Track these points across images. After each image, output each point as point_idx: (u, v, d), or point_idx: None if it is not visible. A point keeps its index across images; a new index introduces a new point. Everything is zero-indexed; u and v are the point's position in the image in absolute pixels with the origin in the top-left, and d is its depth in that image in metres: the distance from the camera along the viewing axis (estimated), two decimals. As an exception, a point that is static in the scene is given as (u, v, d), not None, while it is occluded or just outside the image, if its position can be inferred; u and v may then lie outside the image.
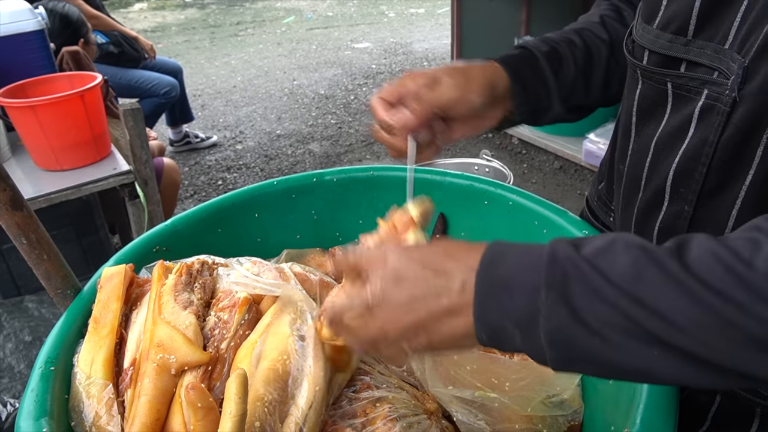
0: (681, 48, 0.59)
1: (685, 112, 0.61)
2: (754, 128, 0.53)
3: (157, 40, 6.80)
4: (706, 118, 0.58)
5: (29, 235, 0.77)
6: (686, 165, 0.61)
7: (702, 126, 0.58)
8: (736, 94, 0.54)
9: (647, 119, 0.67)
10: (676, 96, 0.62)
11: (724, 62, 0.55)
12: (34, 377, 0.70)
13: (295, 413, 0.67)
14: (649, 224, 0.69)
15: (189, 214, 1.00)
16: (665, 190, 0.65)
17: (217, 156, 3.90)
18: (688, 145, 0.60)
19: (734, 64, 0.54)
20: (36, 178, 1.75)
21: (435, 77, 0.71)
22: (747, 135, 0.54)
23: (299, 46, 6.43)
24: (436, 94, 0.71)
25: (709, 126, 0.57)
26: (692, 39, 0.58)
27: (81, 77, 1.83)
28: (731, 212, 0.58)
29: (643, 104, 0.68)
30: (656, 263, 0.41)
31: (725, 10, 0.55)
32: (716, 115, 0.56)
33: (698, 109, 0.59)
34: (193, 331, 0.72)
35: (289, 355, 0.70)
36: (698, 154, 0.59)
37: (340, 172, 1.10)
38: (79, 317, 0.80)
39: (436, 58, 5.69)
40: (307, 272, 0.82)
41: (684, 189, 0.62)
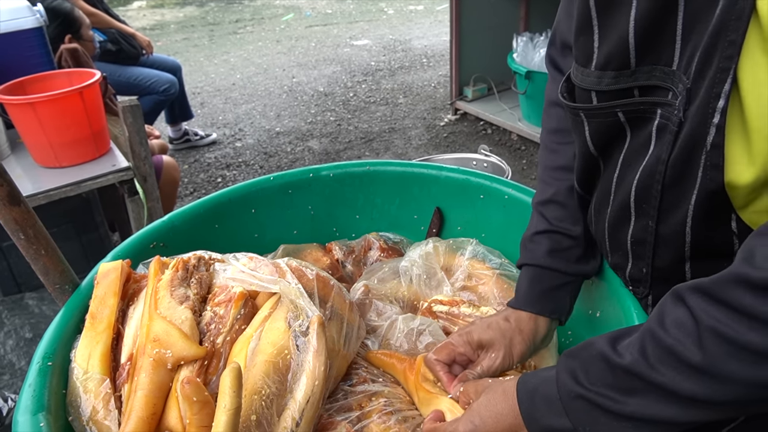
0: (628, 79, 0.61)
1: (646, 130, 0.63)
2: (694, 148, 0.56)
3: (156, 38, 6.79)
4: (661, 136, 0.61)
5: (27, 231, 0.77)
6: (645, 182, 0.63)
7: (659, 144, 0.61)
8: (681, 114, 0.56)
9: (609, 147, 0.69)
10: (632, 120, 0.64)
11: (675, 83, 0.58)
12: (31, 372, 0.71)
13: (293, 407, 0.68)
14: (621, 238, 0.71)
15: (186, 210, 1.00)
16: (630, 206, 0.67)
17: (216, 153, 3.90)
18: (646, 163, 0.63)
19: (681, 84, 0.57)
20: (35, 175, 1.75)
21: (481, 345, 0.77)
22: (690, 154, 0.56)
23: (298, 44, 6.42)
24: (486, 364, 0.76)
25: (663, 144, 0.60)
26: (637, 68, 0.60)
27: (80, 74, 1.83)
28: (685, 229, 0.61)
29: (599, 140, 0.69)
30: (635, 377, 0.51)
31: (661, 37, 0.57)
32: (668, 134, 0.59)
33: (655, 128, 0.61)
34: (189, 325, 0.72)
35: (289, 350, 0.70)
36: (654, 171, 0.62)
37: (337, 168, 1.10)
38: (77, 313, 0.80)
39: (435, 54, 5.67)
40: (304, 267, 0.82)
41: (645, 205, 0.64)
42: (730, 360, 0.45)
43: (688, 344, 0.48)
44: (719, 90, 0.51)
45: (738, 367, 0.45)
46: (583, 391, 0.54)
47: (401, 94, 4.71)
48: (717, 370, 0.46)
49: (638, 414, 0.51)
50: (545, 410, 0.57)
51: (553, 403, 0.57)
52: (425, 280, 0.95)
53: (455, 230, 1.09)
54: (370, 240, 1.10)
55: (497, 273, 0.96)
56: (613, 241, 0.73)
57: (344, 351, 0.79)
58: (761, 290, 0.44)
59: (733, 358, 0.45)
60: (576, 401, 0.55)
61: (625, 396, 0.52)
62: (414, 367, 0.77)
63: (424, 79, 5.01)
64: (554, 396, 0.57)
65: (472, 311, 0.88)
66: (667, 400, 0.50)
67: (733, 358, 0.45)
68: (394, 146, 3.83)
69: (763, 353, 0.44)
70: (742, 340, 0.44)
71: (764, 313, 0.44)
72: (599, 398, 0.53)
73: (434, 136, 3.92)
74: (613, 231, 0.72)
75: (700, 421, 0.50)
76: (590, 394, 0.54)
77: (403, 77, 5.10)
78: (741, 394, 0.46)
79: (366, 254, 1.09)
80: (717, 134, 0.53)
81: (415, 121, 4.18)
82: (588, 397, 0.54)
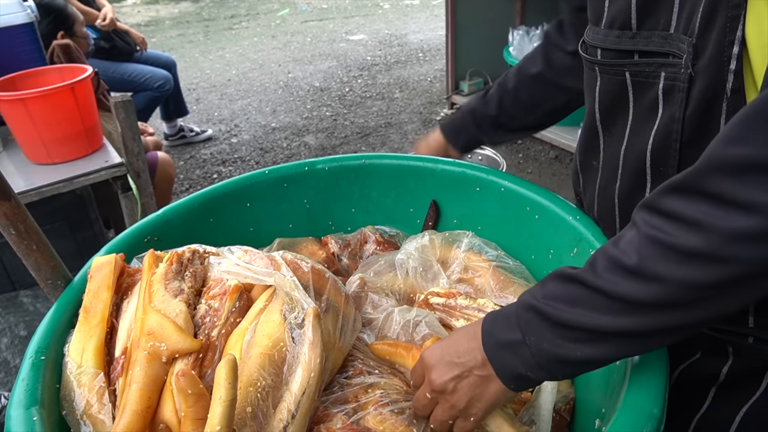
0: (629, 41, 0.66)
1: (649, 96, 0.67)
2: (713, 99, 0.59)
3: (151, 35, 6.75)
4: (669, 97, 0.64)
5: (18, 226, 0.76)
6: (660, 143, 0.67)
7: (668, 105, 0.64)
8: (690, 70, 0.60)
9: (613, 112, 0.74)
10: (636, 84, 0.68)
11: (674, 45, 0.61)
12: (24, 367, 0.70)
13: (288, 399, 0.67)
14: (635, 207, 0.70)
15: (180, 204, 1.00)
16: (646, 172, 0.69)
17: (212, 150, 3.89)
18: (659, 126, 0.66)
19: (683, 44, 0.60)
20: (27, 171, 1.74)
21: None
22: (708, 106, 0.59)
23: (294, 39, 6.40)
24: None
25: (674, 104, 0.63)
26: (637, 32, 0.65)
27: (71, 70, 1.82)
28: None
29: (605, 100, 0.75)
30: (581, 284, 0.56)
31: (660, 3, 0.62)
32: (677, 92, 0.62)
33: (661, 90, 0.65)
34: (184, 318, 0.71)
35: (285, 342, 0.70)
36: (669, 131, 0.65)
37: (332, 161, 1.10)
38: (70, 307, 0.79)
39: (431, 49, 5.66)
40: (299, 260, 0.82)
41: (663, 167, 0.67)
42: (659, 260, 0.49)
43: (629, 252, 0.52)
44: (732, 38, 0.55)
45: (665, 267, 0.49)
46: (534, 302, 0.59)
47: (397, 88, 4.70)
48: (648, 270, 0.50)
49: (574, 321, 0.55)
50: (502, 326, 0.62)
51: (510, 318, 0.61)
52: (421, 272, 0.95)
53: (451, 223, 1.08)
54: (366, 233, 1.09)
55: (493, 265, 0.96)
56: (624, 214, 0.76)
57: (340, 343, 0.79)
58: (686, 193, 0.49)
59: (661, 258, 0.49)
60: (527, 312, 0.59)
61: (568, 306, 0.56)
62: (417, 354, 0.77)
63: (420, 74, 4.99)
64: (512, 312, 0.62)
65: (469, 303, 0.88)
66: (603, 305, 0.53)
67: (661, 258, 0.49)
68: (390, 141, 3.82)
69: (689, 253, 0.48)
70: (669, 242, 0.49)
71: (689, 216, 0.48)
72: (547, 308, 0.57)
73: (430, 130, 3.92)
74: (624, 204, 0.75)
75: (629, 334, 0.53)
76: (540, 304, 0.58)
77: (399, 72, 5.08)
78: (667, 294, 0.50)
79: (362, 248, 1.09)
80: (735, 80, 0.56)
81: (411, 115, 4.17)
82: (538, 307, 0.58)
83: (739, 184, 0.45)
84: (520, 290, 0.91)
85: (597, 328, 0.54)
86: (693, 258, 0.48)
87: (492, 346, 0.62)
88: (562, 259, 0.89)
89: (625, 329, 0.53)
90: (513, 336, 0.60)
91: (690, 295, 0.49)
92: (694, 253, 0.47)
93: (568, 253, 0.87)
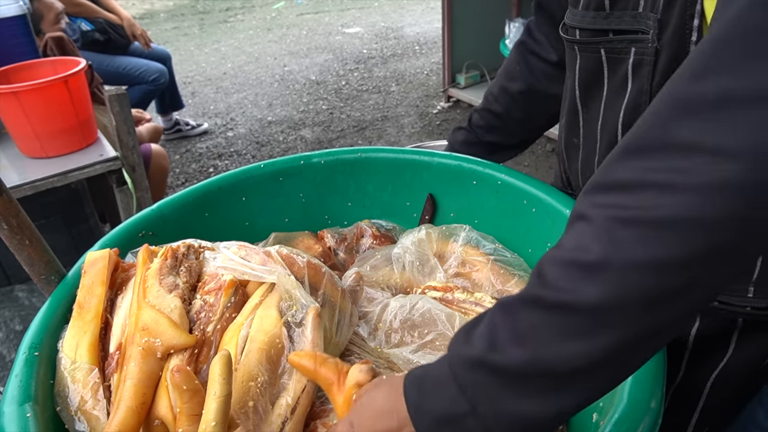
0: (603, 21, 0.70)
1: (620, 72, 0.71)
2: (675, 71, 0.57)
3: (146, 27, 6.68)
4: (638, 72, 0.68)
5: (10, 220, 0.75)
6: (630, 116, 0.70)
7: (637, 79, 0.69)
8: (656, 44, 0.64)
9: (591, 89, 0.78)
10: (610, 60, 0.72)
11: (642, 22, 0.66)
12: (18, 363, 0.70)
13: (288, 395, 0.67)
14: None
15: (175, 198, 0.99)
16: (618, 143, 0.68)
17: (208, 143, 3.87)
18: (628, 99, 0.70)
19: (650, 21, 0.64)
20: (21, 165, 1.72)
21: None
22: None
23: (290, 32, 6.36)
24: None
25: (641, 78, 0.68)
26: (610, 12, 0.69)
27: (65, 62, 1.80)
28: None
29: (584, 75, 0.79)
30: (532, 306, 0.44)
31: None
32: (645, 66, 0.67)
33: (630, 65, 0.69)
34: (179, 314, 0.71)
35: (281, 339, 0.69)
36: (638, 103, 0.69)
37: (328, 155, 1.09)
38: (64, 303, 0.79)
39: (427, 42, 5.64)
40: (295, 255, 0.81)
41: None
42: (631, 243, 0.39)
43: (585, 245, 0.41)
44: (692, 11, 0.59)
45: (641, 249, 0.38)
46: (477, 354, 0.45)
47: (394, 82, 4.68)
48: (618, 259, 0.39)
49: (540, 363, 0.42)
50: (436, 394, 0.47)
51: (446, 383, 0.47)
52: (418, 266, 0.95)
53: (448, 217, 1.08)
54: (363, 227, 1.09)
55: (491, 259, 0.95)
56: None
57: (336, 338, 0.78)
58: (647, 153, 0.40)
59: (632, 239, 0.39)
60: (472, 371, 0.45)
61: (519, 344, 0.43)
62: (343, 388, 0.64)
63: (417, 67, 4.97)
64: (446, 374, 0.47)
65: (467, 297, 0.87)
66: (568, 325, 0.41)
67: (633, 240, 0.39)
68: (386, 134, 3.81)
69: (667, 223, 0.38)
70: (637, 216, 0.39)
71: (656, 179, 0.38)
72: (494, 356, 0.44)
73: (427, 123, 3.91)
74: None
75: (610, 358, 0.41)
76: (484, 355, 0.44)
77: (395, 65, 5.06)
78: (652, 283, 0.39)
79: (358, 242, 1.08)
80: None
81: (407, 108, 4.16)
82: (483, 360, 0.44)
83: (713, 125, 0.36)
84: (521, 283, 0.90)
85: (568, 362, 0.41)
86: (674, 228, 0.37)
87: (428, 425, 0.48)
88: (560, 253, 0.89)
89: (606, 349, 0.41)
90: (457, 408, 0.45)
91: (678, 278, 0.38)
92: (673, 222, 0.37)
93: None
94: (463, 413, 0.45)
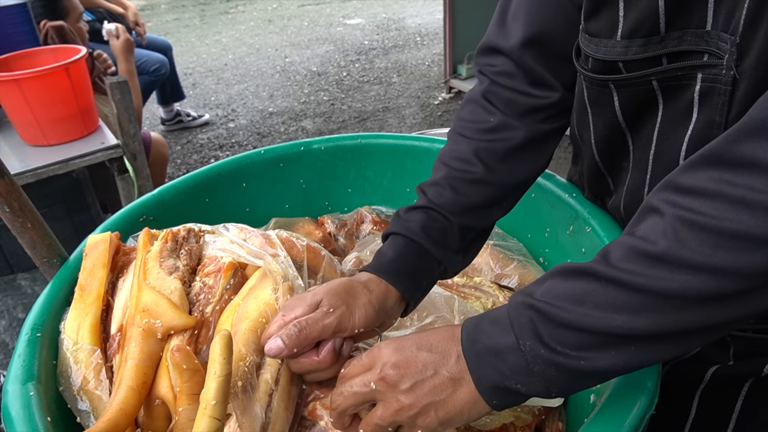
0: (656, 46, 0.58)
1: (683, 100, 0.59)
2: None
3: (147, 19, 6.68)
4: (707, 101, 0.56)
5: (12, 203, 0.76)
6: (696, 150, 0.58)
7: (705, 109, 0.57)
8: (734, 71, 0.53)
9: (639, 120, 0.65)
10: (666, 89, 0.60)
11: (712, 43, 0.54)
12: (20, 343, 0.70)
13: (271, 368, 0.66)
14: None
15: (176, 184, 0.99)
16: None
17: (209, 134, 3.87)
18: (693, 131, 0.59)
19: (724, 43, 0.53)
20: (23, 153, 1.73)
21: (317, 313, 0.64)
22: None
23: (291, 23, 6.34)
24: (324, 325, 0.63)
25: (713, 108, 0.56)
26: (666, 33, 0.57)
27: (65, 50, 1.80)
28: None
29: (629, 111, 0.65)
30: (591, 277, 0.47)
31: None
32: (718, 95, 0.55)
33: (697, 93, 0.57)
34: (179, 295, 0.71)
35: (269, 319, 0.69)
36: (706, 137, 0.56)
37: (328, 141, 1.09)
38: (66, 285, 0.79)
39: (429, 33, 5.62)
40: (294, 238, 0.82)
41: None
42: (693, 244, 0.42)
43: (653, 237, 0.44)
44: None
45: (701, 251, 0.42)
46: (531, 300, 0.50)
47: (395, 73, 4.67)
48: (678, 256, 0.43)
49: (583, 322, 0.46)
50: (490, 329, 0.52)
51: (500, 321, 0.51)
52: (418, 251, 0.95)
53: (448, 203, 1.08)
54: (363, 213, 1.09)
55: (491, 244, 0.96)
56: None
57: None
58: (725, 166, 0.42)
59: (696, 242, 0.42)
60: (523, 312, 0.50)
61: (575, 303, 0.47)
62: None
63: (418, 58, 4.96)
64: (502, 314, 0.52)
65: (465, 281, 0.88)
66: (619, 301, 0.45)
67: (696, 243, 0.42)
68: (388, 125, 3.80)
69: (731, 234, 0.41)
70: (706, 223, 0.42)
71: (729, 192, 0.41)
72: (547, 306, 0.48)
73: (428, 114, 3.90)
74: None
75: (648, 337, 0.45)
76: (538, 303, 0.49)
77: (396, 56, 5.05)
78: (701, 283, 0.42)
79: (358, 228, 1.09)
80: None
81: (409, 100, 4.15)
82: (536, 306, 0.49)
83: None
84: (520, 267, 0.91)
85: (609, 329, 0.46)
86: (735, 240, 0.40)
87: (475, 352, 0.52)
88: (558, 238, 0.89)
89: (645, 330, 0.45)
90: (504, 340, 0.50)
91: (727, 285, 0.41)
92: (736, 235, 0.40)
93: (564, 231, 0.87)
94: (507, 346, 0.50)
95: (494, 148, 0.72)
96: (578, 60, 0.67)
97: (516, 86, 0.72)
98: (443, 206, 0.71)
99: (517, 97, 0.72)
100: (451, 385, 0.53)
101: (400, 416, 0.54)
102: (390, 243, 0.72)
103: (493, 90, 0.74)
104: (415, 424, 0.54)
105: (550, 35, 0.70)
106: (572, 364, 0.48)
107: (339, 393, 0.58)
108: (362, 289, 0.66)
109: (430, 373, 0.53)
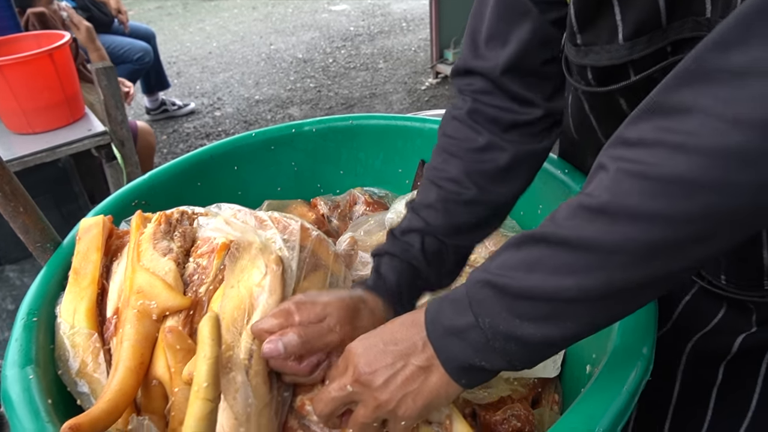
0: (660, 38, 0.57)
1: None
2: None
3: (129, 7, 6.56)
4: None
5: (3, 187, 0.75)
6: None
7: None
8: None
9: None
10: None
11: (712, 27, 0.52)
12: (16, 328, 0.70)
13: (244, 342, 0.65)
14: None
15: (167, 168, 0.99)
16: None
17: (195, 123, 3.83)
18: None
19: None
20: (7, 141, 1.70)
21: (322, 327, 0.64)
22: None
23: (275, 10, 6.28)
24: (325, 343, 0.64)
25: None
26: (668, 24, 0.57)
27: (48, 36, 1.77)
28: None
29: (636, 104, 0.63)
30: (540, 242, 0.47)
31: None
32: None
33: None
34: (173, 276, 0.71)
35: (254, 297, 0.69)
36: None
37: (319, 122, 1.09)
38: (60, 270, 0.79)
39: (414, 18, 5.59)
40: (287, 218, 0.82)
41: None
42: (632, 194, 0.42)
43: (597, 192, 0.44)
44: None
45: (638, 199, 0.41)
46: (487, 276, 0.50)
47: (381, 58, 4.64)
48: (616, 206, 0.43)
49: (536, 289, 0.46)
50: (449, 310, 0.53)
51: (459, 301, 0.52)
52: (411, 231, 0.95)
53: (440, 183, 1.08)
54: (355, 195, 1.09)
55: (483, 223, 0.96)
56: None
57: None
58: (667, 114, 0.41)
59: (634, 191, 0.42)
60: (480, 290, 0.50)
61: (527, 271, 0.47)
62: None
63: (404, 44, 4.94)
64: (460, 293, 0.52)
65: (459, 259, 0.88)
66: (568, 262, 0.45)
67: (634, 192, 0.42)
68: (375, 111, 3.79)
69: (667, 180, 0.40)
70: (645, 171, 0.41)
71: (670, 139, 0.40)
72: (502, 279, 0.49)
73: (416, 100, 3.89)
74: None
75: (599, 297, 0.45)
76: (493, 277, 0.49)
77: (382, 42, 5.02)
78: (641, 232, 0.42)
79: (351, 209, 1.09)
80: None
81: (396, 85, 4.14)
82: (491, 281, 0.49)
83: (734, 94, 0.37)
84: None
85: (561, 294, 0.45)
86: (673, 185, 0.40)
87: (439, 334, 0.53)
88: (551, 214, 0.90)
89: (597, 291, 0.44)
90: (463, 320, 0.51)
91: (667, 232, 0.41)
92: (674, 180, 0.40)
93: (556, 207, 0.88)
94: (467, 325, 0.51)
95: (485, 169, 0.72)
96: (572, 75, 0.66)
97: (498, 103, 0.71)
98: (438, 229, 0.72)
99: (501, 114, 0.72)
100: (422, 373, 0.54)
101: (380, 412, 0.56)
102: (390, 266, 0.72)
103: (476, 108, 0.73)
104: (396, 416, 0.56)
105: (526, 59, 0.69)
106: (530, 335, 0.48)
107: (319, 400, 0.60)
108: (368, 314, 0.67)
109: (400, 365, 0.55)
